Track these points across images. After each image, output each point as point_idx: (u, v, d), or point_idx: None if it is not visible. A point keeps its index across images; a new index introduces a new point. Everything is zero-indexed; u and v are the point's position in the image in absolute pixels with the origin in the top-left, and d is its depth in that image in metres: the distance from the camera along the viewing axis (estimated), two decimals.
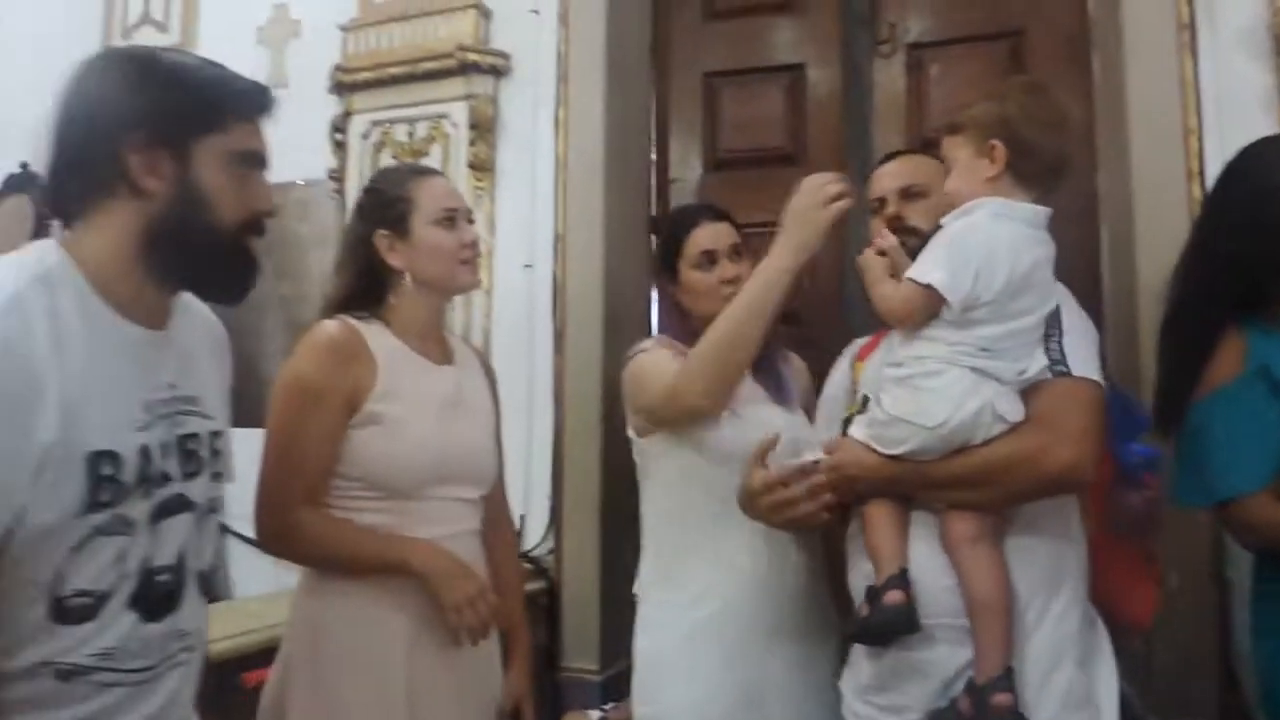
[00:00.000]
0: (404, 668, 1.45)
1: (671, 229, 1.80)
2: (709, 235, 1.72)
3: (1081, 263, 2.41)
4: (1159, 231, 2.12)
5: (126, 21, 3.50)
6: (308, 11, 3.17)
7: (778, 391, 1.70)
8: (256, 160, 1.10)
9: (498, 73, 2.82)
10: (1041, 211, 1.33)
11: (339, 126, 2.97)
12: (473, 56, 2.78)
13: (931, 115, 2.59)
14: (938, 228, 1.34)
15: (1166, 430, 1.44)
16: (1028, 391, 1.27)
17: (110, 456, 1.00)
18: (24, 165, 3.48)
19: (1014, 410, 1.25)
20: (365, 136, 2.94)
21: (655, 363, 1.64)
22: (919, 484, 1.29)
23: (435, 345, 1.62)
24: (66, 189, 1.04)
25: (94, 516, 0.98)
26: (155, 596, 1.06)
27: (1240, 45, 2.12)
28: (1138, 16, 2.18)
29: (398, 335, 1.55)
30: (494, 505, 1.70)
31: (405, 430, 1.49)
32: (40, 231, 3.35)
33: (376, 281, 1.57)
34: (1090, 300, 2.37)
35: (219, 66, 1.11)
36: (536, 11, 2.78)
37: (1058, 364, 1.27)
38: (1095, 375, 1.28)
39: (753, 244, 1.77)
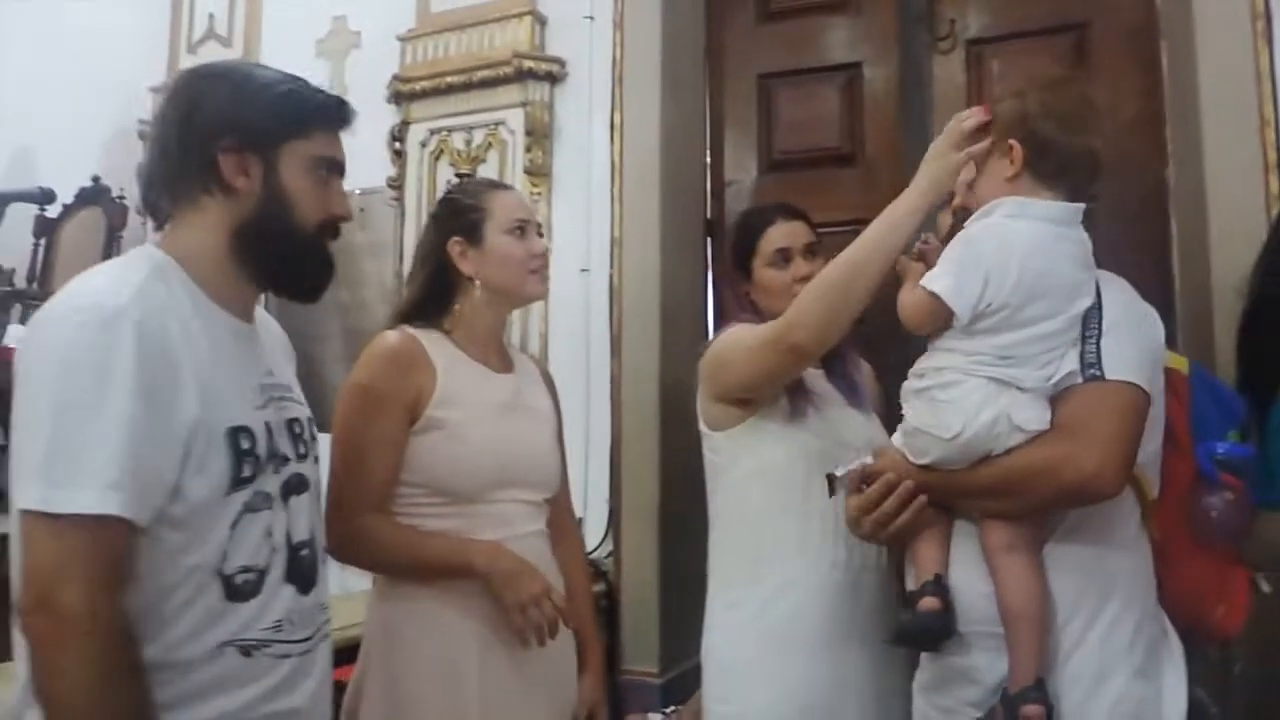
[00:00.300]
0: (476, 672, 1.46)
1: (746, 227, 1.79)
2: (784, 233, 1.71)
3: (1152, 257, 2.36)
4: (1233, 225, 2.06)
5: (191, 37, 3.60)
6: (367, 23, 3.23)
7: (852, 395, 1.69)
8: (335, 167, 1.17)
9: (553, 79, 2.85)
10: (1071, 208, 1.26)
11: (397, 135, 3.02)
12: (528, 63, 2.81)
13: None
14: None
15: (1248, 429, 1.38)
16: (1057, 397, 1.22)
17: (245, 431, 1.07)
18: (95, 179, 3.59)
19: (1034, 419, 1.20)
20: (423, 145, 2.99)
21: (742, 331, 1.60)
22: (949, 492, 1.27)
23: (495, 354, 1.65)
24: (163, 188, 1.12)
25: (240, 493, 1.06)
26: (304, 570, 1.14)
27: None
28: (1209, 6, 2.12)
29: (458, 344, 1.58)
30: (559, 510, 1.71)
31: (466, 434, 1.51)
32: (110, 242, 3.45)
33: (445, 288, 1.61)
34: (1162, 295, 2.32)
35: (302, 80, 1.18)
36: (591, 18, 2.80)
37: (1091, 367, 1.20)
38: (1135, 377, 1.20)
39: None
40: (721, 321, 1.93)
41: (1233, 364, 2.02)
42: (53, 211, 3.64)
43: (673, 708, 2.00)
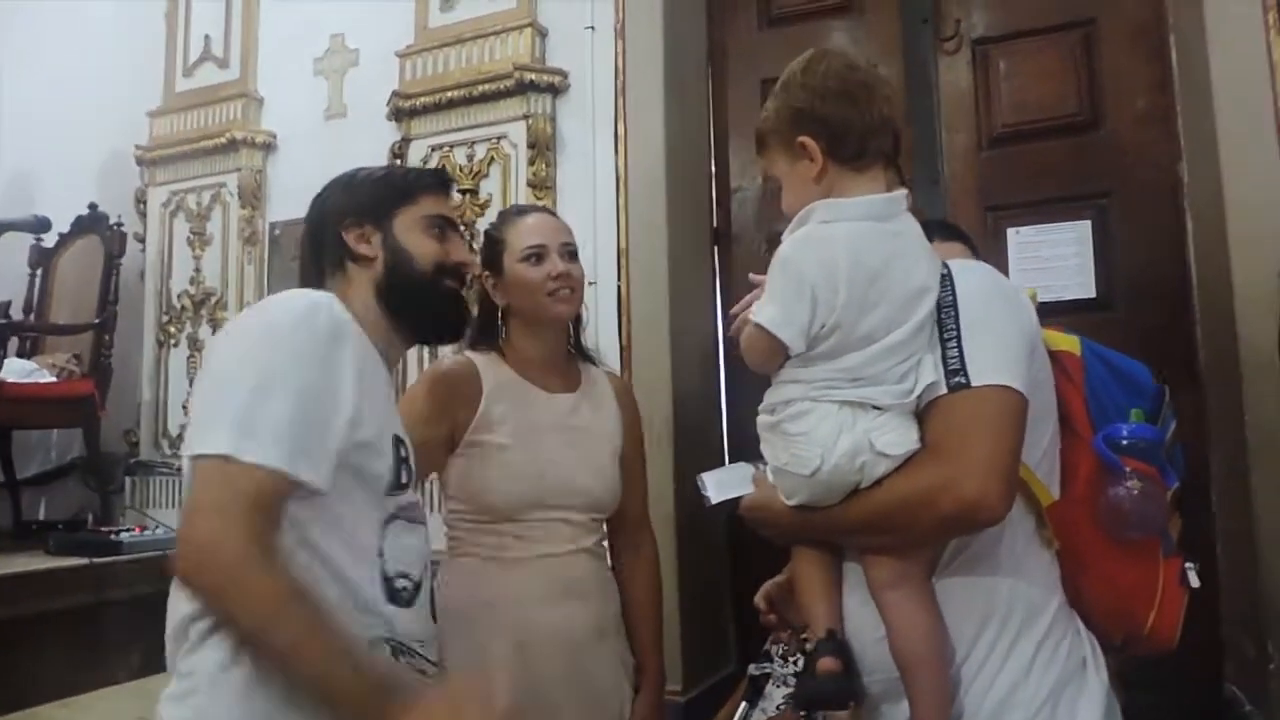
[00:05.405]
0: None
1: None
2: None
3: (1167, 253, 2.33)
4: (1252, 218, 2.05)
5: (187, 60, 3.57)
6: (365, 40, 3.21)
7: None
8: (446, 222, 1.36)
9: (555, 91, 2.82)
10: (890, 198, 1.13)
11: (398, 153, 2.99)
12: (530, 75, 2.79)
13: (1001, 112, 2.53)
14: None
15: (1158, 405, 1.26)
16: (924, 412, 1.08)
17: (403, 443, 1.21)
18: (92, 206, 3.55)
19: (899, 442, 1.07)
20: (425, 161, 2.95)
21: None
22: (829, 531, 1.15)
23: (556, 374, 1.68)
24: (313, 275, 1.34)
25: (398, 496, 1.18)
26: (431, 599, 1.25)
27: None
28: None
29: (513, 366, 1.64)
30: (629, 525, 1.74)
31: (503, 456, 1.56)
32: (109, 271, 3.40)
33: (491, 317, 1.69)
34: (1180, 294, 2.30)
35: (402, 165, 1.33)
36: (592, 28, 2.78)
37: (955, 374, 1.06)
38: (1006, 378, 1.05)
39: None
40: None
41: (1263, 362, 2.00)
42: (49, 240, 3.60)
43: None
